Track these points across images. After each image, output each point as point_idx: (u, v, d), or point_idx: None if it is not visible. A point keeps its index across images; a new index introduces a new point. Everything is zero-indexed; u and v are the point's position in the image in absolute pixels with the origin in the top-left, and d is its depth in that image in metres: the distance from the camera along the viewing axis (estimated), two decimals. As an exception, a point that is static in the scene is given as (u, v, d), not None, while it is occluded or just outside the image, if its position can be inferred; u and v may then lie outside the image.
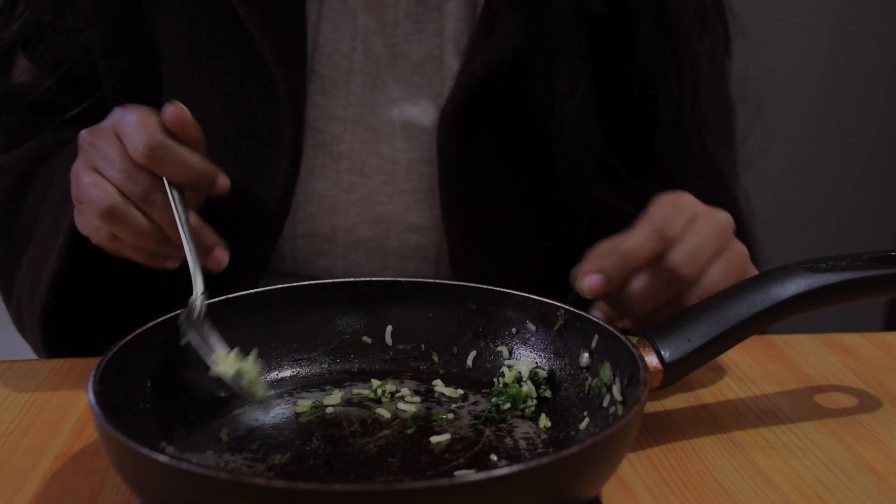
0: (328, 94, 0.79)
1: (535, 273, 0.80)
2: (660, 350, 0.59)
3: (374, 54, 0.79)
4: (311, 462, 0.55)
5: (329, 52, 0.78)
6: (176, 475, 0.45)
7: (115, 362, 0.56)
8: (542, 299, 0.64)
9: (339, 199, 0.79)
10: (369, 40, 0.78)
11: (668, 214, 0.64)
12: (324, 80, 0.78)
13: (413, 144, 0.79)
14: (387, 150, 0.79)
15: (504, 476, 0.44)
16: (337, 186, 0.79)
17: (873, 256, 0.64)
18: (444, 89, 0.78)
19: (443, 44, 0.79)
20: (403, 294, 0.67)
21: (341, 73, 0.79)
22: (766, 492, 0.57)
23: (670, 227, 0.63)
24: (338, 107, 0.79)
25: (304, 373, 0.65)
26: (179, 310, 0.61)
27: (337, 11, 0.79)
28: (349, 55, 0.78)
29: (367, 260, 0.81)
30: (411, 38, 0.79)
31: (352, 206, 0.79)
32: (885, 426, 0.65)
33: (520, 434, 0.59)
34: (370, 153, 0.79)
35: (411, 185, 0.79)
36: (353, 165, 0.79)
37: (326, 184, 0.79)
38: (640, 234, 0.63)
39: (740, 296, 0.61)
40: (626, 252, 0.62)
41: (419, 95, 0.79)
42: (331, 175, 0.79)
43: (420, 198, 0.80)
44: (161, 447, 0.56)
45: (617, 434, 0.49)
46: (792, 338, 0.79)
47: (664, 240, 0.63)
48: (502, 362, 0.65)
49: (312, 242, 0.80)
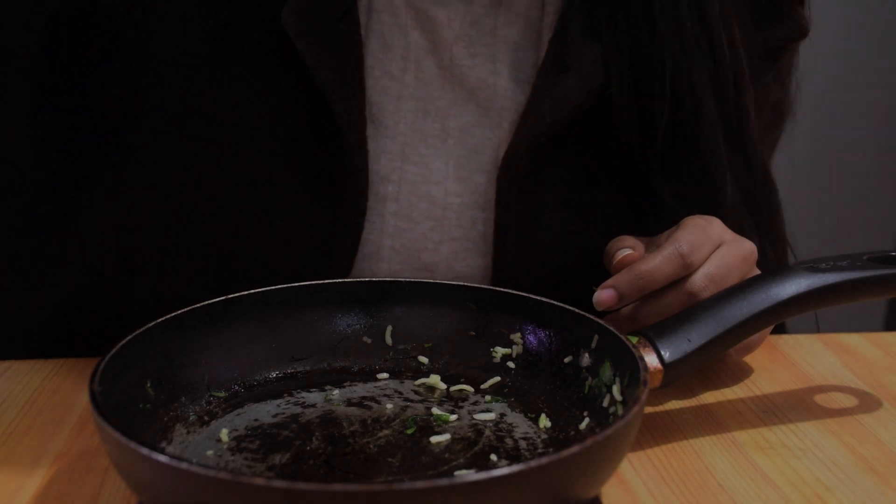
0: (377, 124, 0.71)
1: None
2: (660, 350, 0.59)
3: (426, 76, 0.71)
4: (311, 462, 0.55)
5: (377, 73, 0.71)
6: (176, 475, 0.45)
7: (115, 362, 0.56)
8: (541, 299, 0.64)
9: (382, 244, 0.72)
10: (421, 60, 0.71)
11: (695, 240, 0.64)
12: (372, 108, 0.71)
13: (466, 187, 0.72)
14: (437, 193, 0.72)
15: (504, 476, 0.44)
16: (381, 231, 0.72)
17: (873, 256, 0.64)
18: (504, 121, 0.72)
19: (498, 69, 0.72)
20: (403, 294, 0.67)
21: (390, 99, 0.71)
22: (766, 492, 0.57)
23: (695, 253, 0.63)
24: (386, 137, 0.71)
25: (304, 373, 0.65)
26: (180, 310, 0.61)
27: (387, 26, 0.71)
28: (399, 77, 0.71)
29: None
30: (463, 62, 0.71)
31: (395, 252, 0.73)
32: (885, 426, 0.65)
33: (520, 434, 0.59)
34: (419, 196, 0.72)
35: (462, 233, 0.73)
36: (401, 209, 0.72)
37: (370, 227, 0.72)
38: (663, 256, 0.63)
39: (740, 296, 0.61)
40: (645, 273, 0.63)
41: (476, 126, 0.72)
42: (375, 218, 0.72)
43: (470, 246, 0.73)
44: (161, 447, 0.56)
45: (617, 434, 0.49)
46: (792, 338, 0.79)
47: (686, 266, 0.63)
48: (502, 362, 0.65)
49: None
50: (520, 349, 0.65)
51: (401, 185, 0.72)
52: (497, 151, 0.72)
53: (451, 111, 0.72)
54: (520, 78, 0.72)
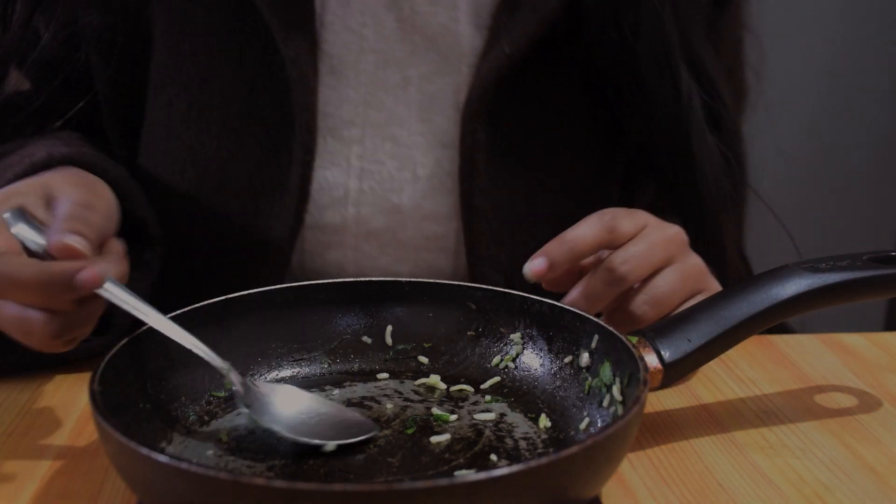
0: (338, 75, 0.75)
1: None
2: (660, 350, 0.59)
3: (385, 30, 0.75)
4: (311, 462, 0.55)
5: (337, 28, 0.74)
6: (176, 475, 0.45)
7: (115, 362, 0.56)
8: (541, 299, 0.64)
9: (349, 186, 0.76)
10: (379, 15, 0.75)
11: (617, 212, 0.66)
12: (332, 60, 0.75)
13: (429, 127, 0.76)
14: (401, 134, 0.76)
15: (504, 476, 0.44)
16: (348, 173, 0.75)
17: (873, 256, 0.64)
18: (463, 66, 0.75)
19: (457, 16, 0.75)
20: (403, 294, 0.67)
21: (351, 52, 0.75)
22: (766, 492, 0.57)
23: (618, 223, 0.65)
24: (349, 87, 0.75)
25: (304, 373, 0.65)
26: (179, 310, 0.61)
27: None
28: (359, 31, 0.74)
29: (380, 252, 0.77)
30: (423, 10, 0.75)
31: (363, 194, 0.76)
32: (885, 426, 0.65)
33: (520, 434, 0.59)
34: (384, 138, 0.75)
35: (427, 171, 0.76)
36: (366, 151, 0.75)
37: (337, 171, 0.75)
38: (587, 223, 0.65)
39: (740, 296, 0.61)
40: (571, 239, 0.64)
41: (436, 73, 0.75)
42: (342, 162, 0.75)
43: (437, 184, 0.76)
44: (161, 447, 0.56)
45: (617, 434, 0.49)
46: (792, 338, 0.79)
47: (610, 232, 0.64)
48: (502, 362, 0.65)
49: (322, 235, 0.77)
50: (520, 349, 0.65)
51: (364, 128, 0.75)
52: (458, 96, 0.75)
53: (412, 61, 0.75)
54: (479, 24, 0.75)
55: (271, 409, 0.58)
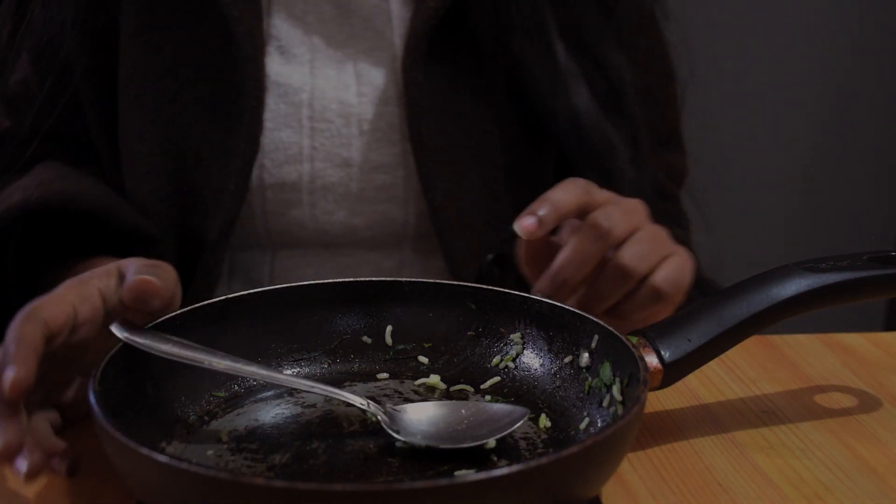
0: (287, 54, 0.83)
1: (503, 206, 0.84)
2: (660, 350, 0.59)
3: (325, 16, 0.84)
4: (311, 462, 0.55)
5: (283, 16, 0.83)
6: (176, 475, 0.45)
7: (115, 362, 0.56)
8: (542, 299, 0.64)
9: (303, 144, 0.83)
10: (319, 3, 0.83)
11: (586, 182, 0.69)
12: (281, 42, 0.83)
13: (370, 89, 0.83)
14: (346, 96, 0.83)
15: (504, 476, 0.44)
16: (300, 133, 0.83)
17: (873, 256, 0.64)
18: (396, 38, 0.83)
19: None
20: (403, 294, 0.67)
21: (296, 35, 0.83)
22: (766, 492, 0.57)
23: (591, 188, 0.68)
24: (296, 64, 0.83)
25: (304, 373, 0.65)
26: (179, 310, 0.61)
27: None
28: (302, 18, 0.84)
29: (337, 206, 0.84)
30: None
31: (316, 150, 0.83)
32: (885, 426, 0.65)
33: (520, 434, 0.59)
34: (330, 99, 0.83)
35: (371, 125, 0.83)
36: (315, 113, 0.83)
37: (290, 132, 0.83)
38: (564, 187, 0.68)
39: (740, 296, 0.61)
40: (556, 199, 0.66)
41: (374, 49, 0.84)
42: (294, 123, 0.83)
43: (380, 136, 0.83)
44: (161, 447, 0.56)
45: (617, 434, 0.49)
46: (792, 338, 0.79)
47: (587, 193, 0.68)
48: (502, 362, 0.65)
49: (281, 192, 0.83)
50: (520, 349, 0.65)
51: (312, 92, 0.83)
52: (394, 62, 0.83)
53: (351, 41, 0.84)
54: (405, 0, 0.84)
55: (421, 428, 0.57)
